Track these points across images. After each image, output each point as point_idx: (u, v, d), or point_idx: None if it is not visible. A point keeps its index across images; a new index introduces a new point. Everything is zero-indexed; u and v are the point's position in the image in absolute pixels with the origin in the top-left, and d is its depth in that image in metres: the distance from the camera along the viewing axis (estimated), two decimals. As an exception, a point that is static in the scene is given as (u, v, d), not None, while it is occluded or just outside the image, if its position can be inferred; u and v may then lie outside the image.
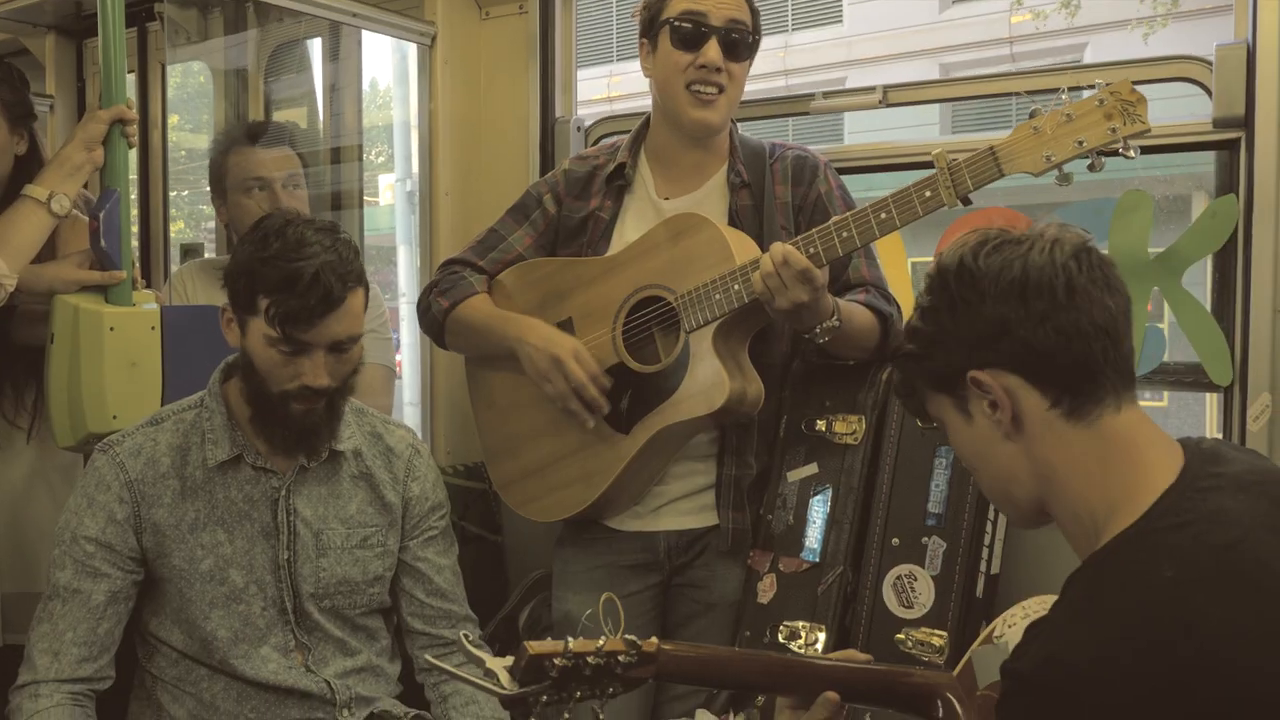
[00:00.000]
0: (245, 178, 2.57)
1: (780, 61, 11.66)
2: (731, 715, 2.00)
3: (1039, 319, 1.21)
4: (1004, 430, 1.24)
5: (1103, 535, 1.18)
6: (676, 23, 2.09)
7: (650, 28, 2.16)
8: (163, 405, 2.05)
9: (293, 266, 1.76)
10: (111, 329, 2.07)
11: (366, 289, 1.87)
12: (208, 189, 2.76)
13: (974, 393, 1.25)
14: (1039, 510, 1.29)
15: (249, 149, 2.61)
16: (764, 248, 2.04)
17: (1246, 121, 1.99)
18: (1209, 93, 2.04)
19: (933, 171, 1.83)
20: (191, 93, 4.07)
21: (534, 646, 1.30)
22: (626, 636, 1.34)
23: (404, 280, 5.51)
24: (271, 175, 2.57)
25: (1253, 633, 1.06)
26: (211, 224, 4.39)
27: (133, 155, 2.22)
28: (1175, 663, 1.04)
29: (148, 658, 1.93)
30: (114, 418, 2.06)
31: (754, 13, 2.14)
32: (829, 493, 2.09)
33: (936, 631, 1.96)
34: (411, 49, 2.90)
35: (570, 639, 1.32)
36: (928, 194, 1.83)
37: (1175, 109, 2.13)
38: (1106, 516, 1.19)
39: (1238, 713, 1.03)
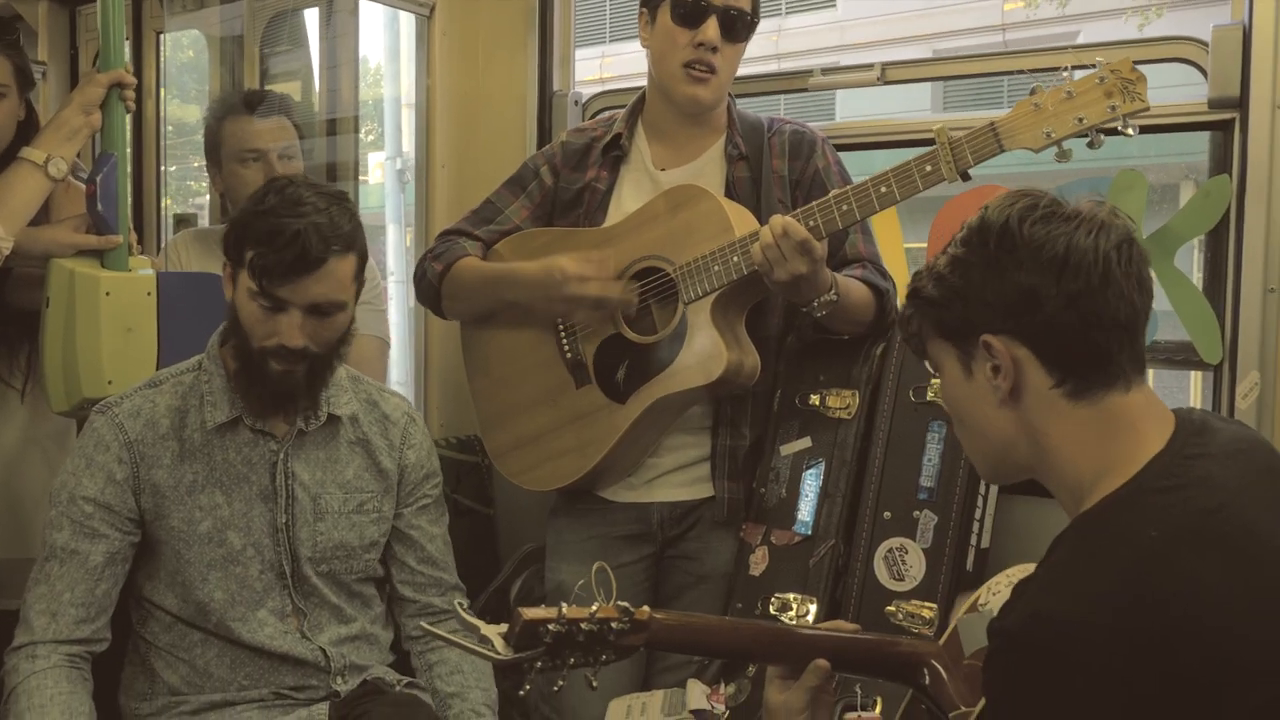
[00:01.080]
0: (240, 148, 2.56)
1: (774, 46, 11.66)
2: (723, 686, 2.02)
3: (1068, 300, 1.20)
4: (1000, 396, 1.25)
5: (1091, 498, 1.19)
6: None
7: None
8: (157, 370, 2.06)
9: (279, 221, 1.77)
10: (107, 294, 2.07)
11: (361, 258, 1.87)
12: (195, 164, 2.75)
13: (980, 353, 1.25)
14: (1011, 470, 1.31)
15: (245, 118, 2.60)
16: (761, 220, 2.05)
17: (1241, 102, 2.00)
18: (1204, 74, 2.06)
19: (934, 146, 1.84)
20: (180, 65, 4.04)
21: (528, 612, 1.31)
22: (619, 604, 1.36)
23: (392, 259, 5.51)
24: (267, 146, 2.55)
25: (1233, 594, 1.08)
26: (199, 199, 4.38)
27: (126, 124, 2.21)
28: (1158, 620, 1.05)
29: (141, 623, 1.94)
30: (109, 383, 2.06)
31: None
32: (822, 466, 2.11)
33: (927, 604, 1.98)
34: (405, 26, 2.90)
35: (564, 605, 1.33)
36: (928, 168, 1.84)
37: (1169, 96, 2.14)
38: (1095, 480, 1.20)
39: (1216, 672, 1.05)
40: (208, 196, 4.17)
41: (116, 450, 1.86)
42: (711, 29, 2.08)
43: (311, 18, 3.38)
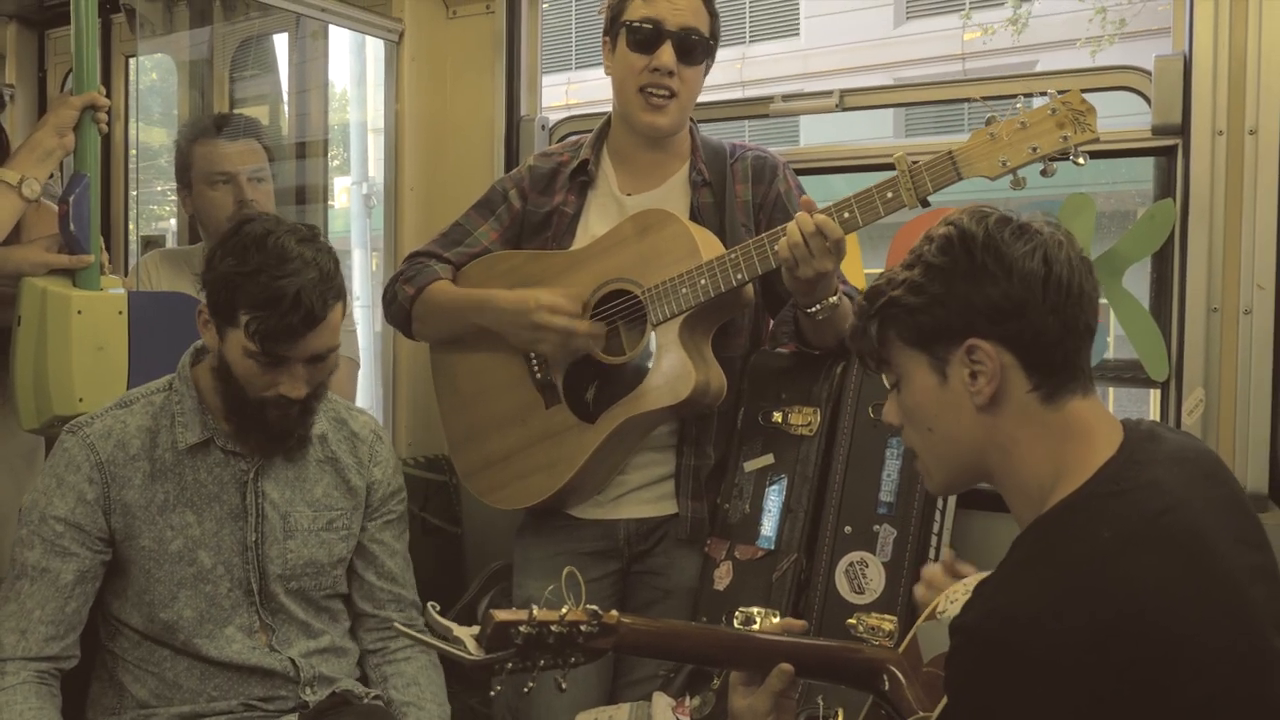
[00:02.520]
0: (211, 170, 2.58)
1: (737, 73, 11.79)
2: (688, 698, 2.06)
3: (1051, 309, 1.27)
4: (979, 400, 1.30)
5: (1048, 501, 1.25)
6: (633, 25, 2.15)
7: (611, 27, 2.21)
8: (128, 389, 2.07)
9: (275, 285, 1.75)
10: (79, 312, 2.09)
11: (345, 300, 1.89)
12: (158, 188, 2.77)
13: (959, 358, 1.30)
14: (969, 478, 1.36)
15: (215, 141, 2.62)
16: (725, 244, 2.11)
17: (1183, 129, 2.08)
18: (1149, 101, 2.14)
19: (894, 174, 1.89)
20: (144, 89, 4.06)
21: (500, 614, 1.35)
22: (588, 607, 1.40)
23: (358, 284, 5.51)
24: (237, 169, 2.58)
25: (1179, 592, 1.14)
26: (164, 223, 4.39)
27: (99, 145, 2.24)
28: (1109, 616, 1.11)
29: (110, 638, 1.95)
30: (80, 400, 2.08)
31: (712, 16, 2.19)
32: (784, 482, 2.15)
33: (887, 616, 2.02)
34: (371, 51, 2.93)
35: (535, 608, 1.37)
36: (889, 195, 1.90)
37: (1117, 124, 2.22)
38: (1052, 484, 1.26)
39: (1163, 665, 1.11)
40: (173, 220, 4.19)
41: (87, 470, 1.87)
42: (666, 54, 2.13)
43: (281, 42, 3.42)
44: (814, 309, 2.01)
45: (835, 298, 2.01)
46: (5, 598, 1.86)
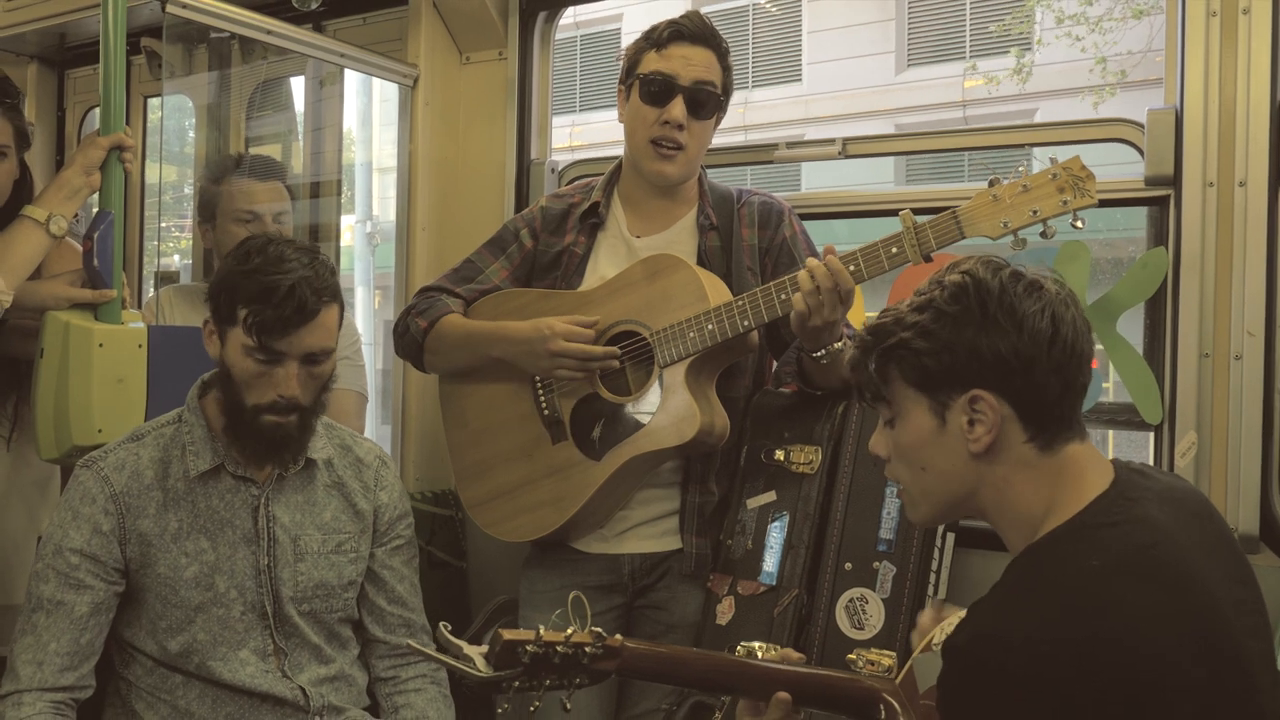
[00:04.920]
0: (239, 207, 2.67)
1: (740, 118, 11.94)
2: (689, 732, 2.09)
3: (1055, 368, 1.32)
4: (976, 448, 1.34)
5: (1039, 531, 1.30)
6: (646, 78, 2.22)
7: (626, 77, 2.28)
8: (146, 420, 2.13)
9: (270, 279, 1.87)
10: (100, 345, 2.15)
11: (341, 307, 1.98)
12: (165, 224, 2.84)
13: (961, 405, 1.34)
14: (953, 513, 1.41)
15: (246, 180, 2.72)
16: (731, 287, 2.17)
17: (1175, 180, 2.15)
18: (1141, 153, 2.20)
19: (898, 230, 1.95)
20: (155, 128, 4.14)
21: (508, 633, 1.40)
22: (593, 629, 1.44)
23: (361, 322, 5.56)
24: (264, 209, 2.67)
25: (1162, 622, 1.18)
26: (168, 259, 4.46)
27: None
28: (1094, 640, 1.16)
29: (124, 665, 1.98)
30: (99, 431, 2.13)
31: (725, 70, 2.26)
32: (786, 519, 2.19)
33: (886, 652, 2.05)
34: (378, 93, 3.00)
35: (541, 628, 1.42)
36: (894, 250, 1.96)
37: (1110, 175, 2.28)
38: (1044, 517, 1.32)
39: (1143, 690, 1.15)
40: (177, 256, 4.26)
41: (103, 502, 1.92)
42: (677, 108, 2.20)
43: (296, 84, 3.50)
44: (820, 354, 2.06)
45: (841, 343, 2.06)
46: (22, 630, 1.90)
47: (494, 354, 2.27)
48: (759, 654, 1.99)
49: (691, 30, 2.22)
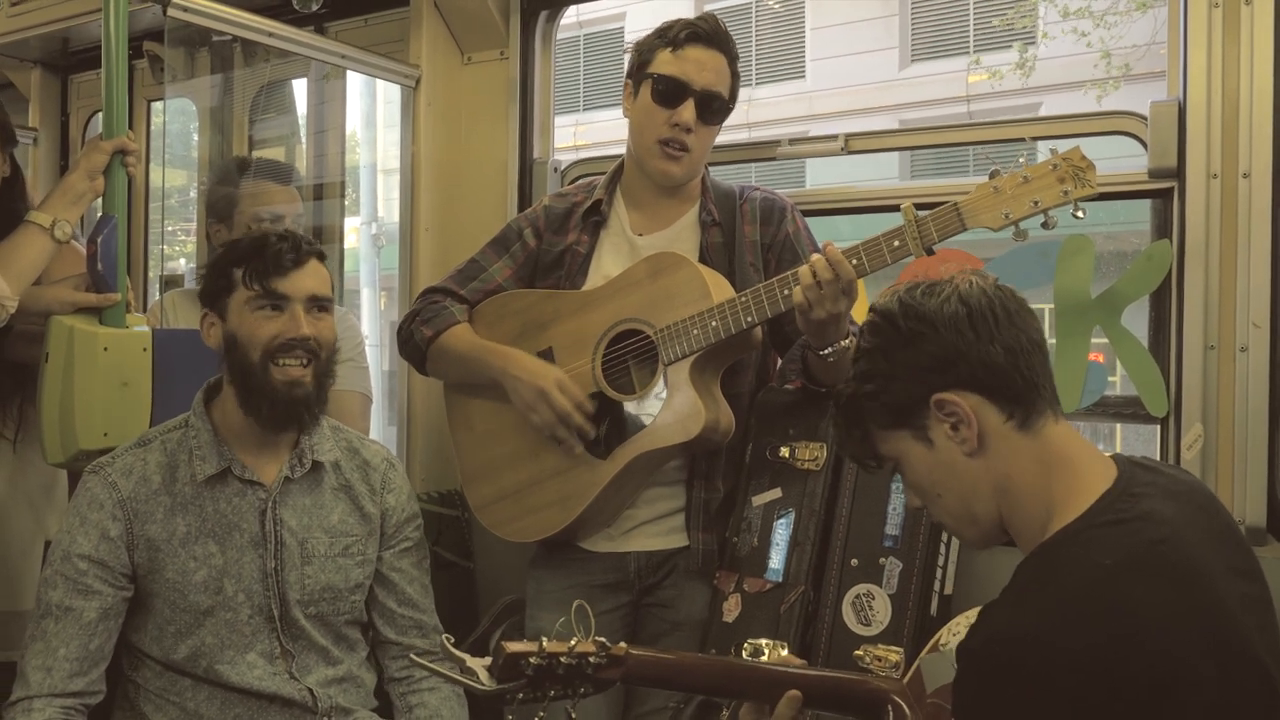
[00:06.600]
0: (259, 209, 2.69)
1: (744, 115, 11.93)
2: (697, 730, 2.08)
3: (988, 340, 1.35)
4: (968, 448, 1.36)
5: (1048, 531, 1.30)
6: (660, 78, 2.22)
7: (637, 72, 2.28)
8: (151, 423, 2.13)
9: (260, 238, 1.99)
10: (105, 349, 2.15)
11: (331, 277, 2.05)
12: (169, 228, 2.86)
13: (936, 417, 1.37)
14: (998, 526, 1.41)
15: (265, 183, 2.75)
16: (734, 283, 2.16)
17: (1178, 172, 2.14)
18: (1145, 145, 2.19)
19: (901, 224, 1.95)
20: (153, 132, 4.15)
21: (510, 646, 1.39)
22: (596, 639, 1.44)
23: (366, 324, 5.56)
24: (283, 211, 2.70)
25: (1173, 617, 1.18)
26: (173, 263, 4.47)
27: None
28: (1107, 639, 1.16)
29: (133, 668, 1.99)
30: (105, 435, 2.14)
31: (734, 77, 2.27)
32: (792, 516, 2.19)
33: (893, 648, 2.05)
34: (381, 94, 3.01)
35: (545, 639, 1.41)
36: (896, 244, 1.96)
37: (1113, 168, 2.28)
38: (1050, 516, 1.32)
39: (1156, 688, 1.15)
40: (182, 260, 4.27)
41: (110, 508, 1.93)
42: (688, 111, 2.20)
43: (299, 86, 3.51)
44: (826, 351, 2.06)
45: (847, 340, 2.05)
46: (32, 636, 1.91)
47: (492, 376, 2.27)
48: (766, 651, 1.99)
49: (707, 33, 2.22)
